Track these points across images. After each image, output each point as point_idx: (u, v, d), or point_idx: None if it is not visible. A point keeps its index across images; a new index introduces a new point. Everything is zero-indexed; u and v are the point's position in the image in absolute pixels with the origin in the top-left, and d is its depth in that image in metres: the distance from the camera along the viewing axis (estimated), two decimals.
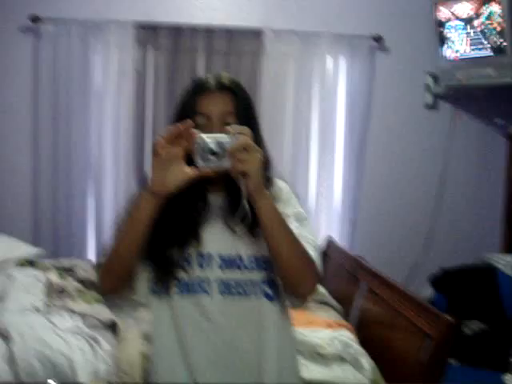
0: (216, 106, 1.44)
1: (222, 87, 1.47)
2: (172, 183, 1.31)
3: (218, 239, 1.46)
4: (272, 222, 1.34)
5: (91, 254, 3.99)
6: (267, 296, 1.46)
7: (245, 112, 1.46)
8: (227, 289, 1.44)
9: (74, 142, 3.93)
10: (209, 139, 1.29)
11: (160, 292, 1.46)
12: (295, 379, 1.57)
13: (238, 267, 1.44)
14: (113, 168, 3.99)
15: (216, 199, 1.49)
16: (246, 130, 1.30)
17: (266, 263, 1.44)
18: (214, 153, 1.28)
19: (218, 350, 1.44)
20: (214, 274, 1.44)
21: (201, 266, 1.45)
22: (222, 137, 1.29)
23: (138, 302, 1.51)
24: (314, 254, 1.43)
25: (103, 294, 1.50)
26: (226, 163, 1.29)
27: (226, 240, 1.45)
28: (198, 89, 1.48)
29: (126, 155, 3.96)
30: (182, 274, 1.44)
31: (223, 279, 1.44)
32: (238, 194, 1.34)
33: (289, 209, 1.47)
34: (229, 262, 1.45)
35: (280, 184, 1.53)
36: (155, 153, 1.30)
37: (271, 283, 1.46)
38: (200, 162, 1.30)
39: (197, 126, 1.40)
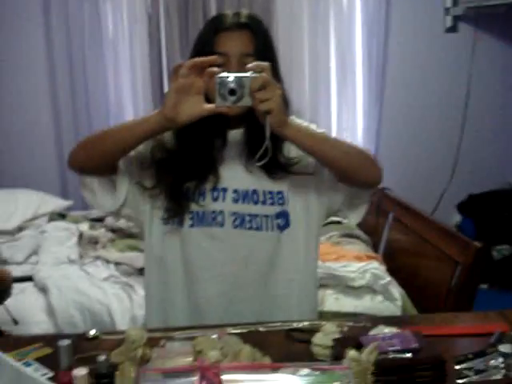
0: (235, 45, 1.42)
1: (242, 25, 1.43)
2: (186, 114, 1.28)
3: (233, 174, 1.47)
4: (311, 138, 1.35)
5: None
6: (280, 228, 1.48)
7: (264, 53, 1.42)
8: (240, 222, 1.46)
9: (91, 92, 3.94)
10: (228, 77, 1.27)
11: (172, 223, 1.48)
12: (311, 311, 1.59)
13: (253, 201, 1.46)
14: (133, 115, 3.97)
15: (235, 135, 1.50)
16: (264, 65, 1.28)
17: (280, 197, 1.47)
18: (233, 91, 1.27)
19: (227, 282, 1.48)
20: (228, 207, 1.46)
21: (215, 199, 1.46)
22: (242, 75, 1.27)
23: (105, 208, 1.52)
24: None
25: (69, 164, 1.48)
26: (246, 101, 1.28)
27: (242, 175, 1.47)
28: (217, 27, 1.44)
29: (145, 101, 3.95)
30: (195, 207, 1.46)
31: (237, 212, 1.45)
32: (258, 131, 1.33)
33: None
34: (243, 196, 1.46)
35: (293, 118, 1.50)
36: (174, 77, 1.28)
37: (286, 216, 1.48)
38: (219, 101, 1.28)
39: (214, 66, 1.41)
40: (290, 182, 1.49)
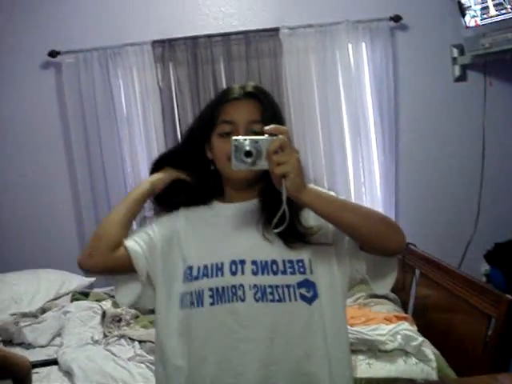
0: (241, 113, 1.45)
1: (248, 95, 1.47)
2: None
3: (251, 244, 1.44)
4: (330, 204, 1.32)
5: None
6: (304, 299, 1.41)
7: (272, 119, 1.42)
8: (262, 294, 1.40)
9: (109, 168, 3.97)
10: (244, 140, 1.27)
11: (191, 306, 1.44)
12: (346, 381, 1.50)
13: (272, 272, 1.41)
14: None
15: (250, 203, 1.49)
16: (282, 129, 1.28)
17: (301, 266, 1.42)
18: (249, 153, 1.26)
19: (254, 360, 1.40)
20: (248, 279, 1.41)
21: (233, 273, 1.42)
22: (258, 138, 1.27)
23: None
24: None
25: (84, 263, 1.49)
26: (262, 164, 1.26)
27: (260, 245, 1.43)
28: (223, 97, 1.49)
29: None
30: (214, 283, 1.42)
31: (257, 285, 1.40)
32: (274, 197, 1.32)
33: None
34: (262, 267, 1.41)
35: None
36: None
37: (309, 285, 1.42)
38: (235, 163, 1.28)
39: (223, 135, 1.44)
40: (310, 249, 1.44)
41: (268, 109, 1.46)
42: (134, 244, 1.49)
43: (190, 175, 1.56)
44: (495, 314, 2.06)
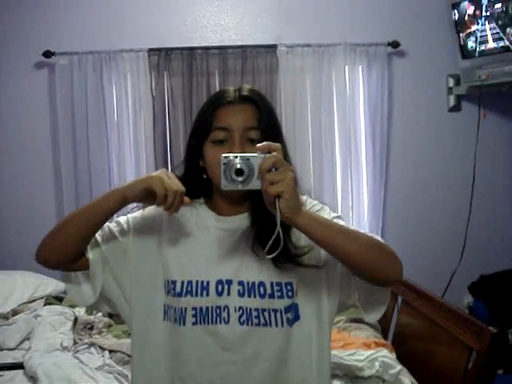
0: (237, 118, 1.35)
1: (243, 99, 1.37)
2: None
3: (239, 263, 1.36)
4: (324, 229, 1.22)
5: None
6: (290, 323, 1.36)
7: (268, 126, 1.36)
8: (248, 318, 1.33)
9: (95, 173, 3.91)
10: (235, 158, 1.18)
11: (174, 321, 1.37)
12: None
13: (260, 295, 1.34)
14: None
15: (240, 217, 1.41)
16: (275, 146, 1.18)
17: (289, 289, 1.35)
18: (240, 172, 1.17)
19: (239, 383, 1.34)
20: (233, 301, 1.34)
21: (219, 293, 1.34)
22: (250, 155, 1.18)
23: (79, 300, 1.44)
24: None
25: (38, 258, 1.38)
26: (254, 184, 1.17)
27: (248, 264, 1.36)
28: (217, 101, 1.39)
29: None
30: (198, 303, 1.35)
31: (243, 307, 1.33)
32: (266, 214, 1.24)
33: (326, 213, 1.39)
34: (249, 289, 1.34)
35: (306, 199, 1.43)
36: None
37: (295, 309, 1.36)
38: (225, 183, 1.19)
39: (216, 142, 1.34)
40: (300, 271, 1.36)
41: (265, 114, 1.37)
42: (97, 256, 1.39)
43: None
44: (477, 347, 2.01)
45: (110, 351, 2.52)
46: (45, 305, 3.21)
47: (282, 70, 3.90)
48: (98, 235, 1.40)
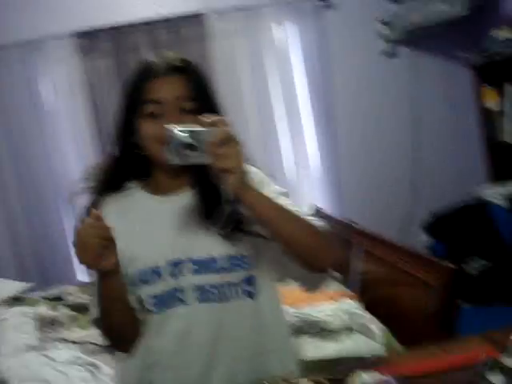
0: (168, 90, 1.29)
1: (172, 69, 1.31)
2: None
3: (187, 241, 1.32)
4: (269, 210, 1.21)
5: (80, 274, 3.89)
6: (249, 295, 1.35)
7: (202, 94, 1.32)
8: (205, 295, 1.31)
9: (36, 167, 3.83)
10: (183, 131, 1.14)
11: (138, 311, 1.35)
12: (295, 364, 1.46)
13: (214, 270, 1.31)
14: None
15: (182, 198, 1.36)
16: (224, 120, 1.15)
17: (243, 261, 1.33)
18: (189, 146, 1.13)
19: (201, 363, 1.33)
20: (188, 281, 1.31)
21: (173, 275, 1.32)
22: (199, 128, 1.14)
23: None
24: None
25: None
26: (203, 158, 1.13)
27: (198, 242, 1.32)
28: (145, 73, 1.32)
29: (91, 162, 3.80)
30: (154, 290, 1.32)
31: (199, 285, 1.31)
32: (212, 187, 1.22)
33: (269, 189, 1.35)
34: (202, 266, 1.31)
35: (252, 169, 1.37)
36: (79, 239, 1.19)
37: (252, 280, 1.36)
38: (172, 158, 1.14)
39: (148, 116, 1.29)
40: (251, 242, 1.34)
41: (197, 83, 1.32)
42: None
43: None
44: (436, 283, 2.05)
45: (80, 343, 2.49)
46: (8, 307, 3.12)
47: (212, 38, 3.84)
48: None
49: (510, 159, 3.78)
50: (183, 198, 1.36)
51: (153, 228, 1.35)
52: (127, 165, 1.39)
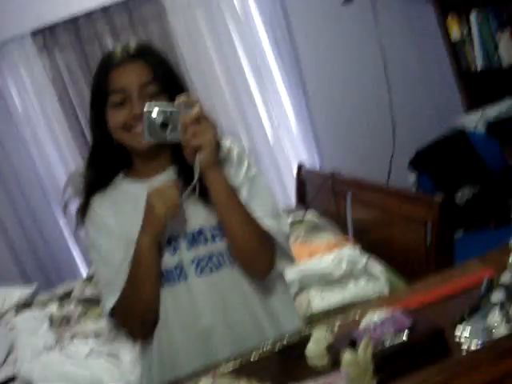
0: (130, 77, 1.33)
1: (132, 56, 1.35)
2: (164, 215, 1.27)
3: (177, 219, 1.35)
4: (224, 199, 1.29)
5: (83, 269, 3.93)
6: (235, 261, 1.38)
7: (164, 75, 1.35)
8: (201, 267, 1.36)
9: (18, 171, 3.85)
10: (157, 110, 1.20)
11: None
12: (295, 323, 1.50)
13: (203, 241, 1.36)
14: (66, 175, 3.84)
15: (163, 175, 1.40)
16: (196, 99, 1.21)
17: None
18: (165, 125, 1.19)
19: (207, 334, 1.38)
20: (185, 255, 1.36)
21: (173, 252, 1.37)
22: (172, 107, 1.20)
23: None
24: (272, 222, 1.35)
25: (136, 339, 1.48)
26: (177, 136, 1.20)
27: (185, 217, 1.37)
28: (107, 64, 1.36)
29: (74, 157, 3.82)
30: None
31: (194, 259, 1.36)
32: (188, 167, 1.26)
33: (241, 172, 1.38)
34: (193, 240, 1.36)
35: (228, 144, 1.41)
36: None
37: None
38: (148, 136, 1.21)
39: (115, 106, 1.33)
40: None
41: (158, 66, 1.36)
42: None
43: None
44: (429, 218, 2.10)
45: (95, 336, 2.54)
46: (16, 314, 3.16)
47: (170, 14, 3.81)
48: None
49: (482, 86, 3.83)
50: (165, 177, 1.39)
51: (138, 213, 1.36)
52: (108, 158, 1.42)
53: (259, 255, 1.35)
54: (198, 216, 1.36)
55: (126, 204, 1.41)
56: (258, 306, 1.40)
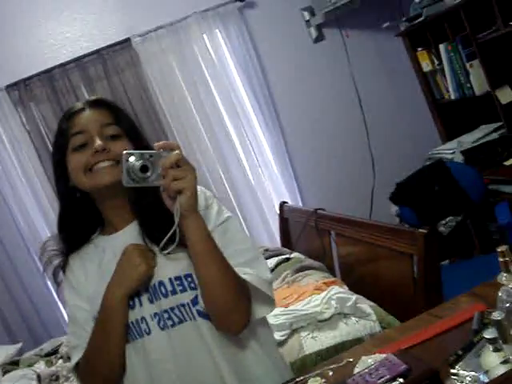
0: (89, 119, 1.35)
1: (92, 103, 1.39)
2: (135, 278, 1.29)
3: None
4: (202, 247, 1.24)
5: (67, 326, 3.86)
6: (203, 315, 1.31)
7: (126, 121, 1.38)
8: (163, 321, 1.31)
9: (0, 228, 3.79)
10: (136, 154, 1.20)
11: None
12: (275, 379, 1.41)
13: (163, 294, 1.32)
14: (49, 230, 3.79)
15: (130, 230, 1.37)
16: (174, 144, 1.22)
17: (189, 281, 1.32)
18: (145, 169, 1.19)
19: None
20: (147, 310, 1.33)
21: (138, 306, 1.33)
22: (152, 152, 1.21)
23: None
24: (250, 271, 1.31)
25: None
26: (158, 179, 1.20)
27: None
28: (68, 112, 1.39)
29: (56, 211, 3.77)
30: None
31: (157, 313, 1.32)
32: (154, 216, 1.28)
33: (211, 216, 1.35)
34: (155, 293, 1.32)
35: (200, 189, 1.36)
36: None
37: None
38: (127, 180, 1.20)
39: (75, 150, 1.33)
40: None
41: (118, 111, 1.40)
42: None
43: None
44: (414, 251, 2.10)
45: None
46: (3, 374, 3.09)
47: (144, 61, 3.84)
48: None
49: (456, 115, 3.89)
50: (131, 230, 1.37)
51: (112, 267, 1.34)
52: (76, 217, 1.42)
53: (235, 308, 1.28)
54: (159, 267, 1.33)
55: (99, 261, 1.40)
56: (224, 363, 1.32)
